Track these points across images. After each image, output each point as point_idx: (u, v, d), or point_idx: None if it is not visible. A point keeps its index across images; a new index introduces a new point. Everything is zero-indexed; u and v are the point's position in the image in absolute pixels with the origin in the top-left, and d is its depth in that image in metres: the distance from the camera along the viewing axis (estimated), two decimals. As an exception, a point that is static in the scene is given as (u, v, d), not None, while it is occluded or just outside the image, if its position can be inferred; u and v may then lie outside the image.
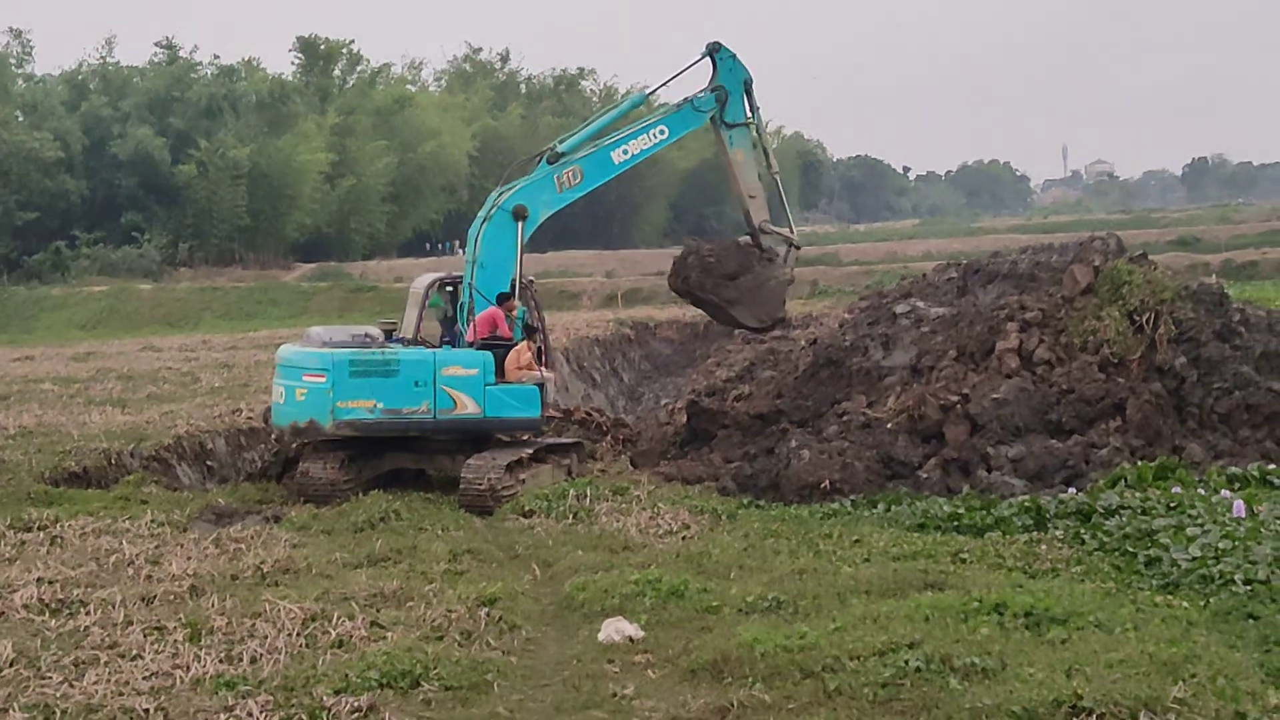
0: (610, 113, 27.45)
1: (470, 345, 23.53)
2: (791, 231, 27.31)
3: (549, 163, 25.08)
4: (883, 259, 65.55)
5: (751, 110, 26.24)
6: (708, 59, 26.26)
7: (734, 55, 25.97)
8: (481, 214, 24.78)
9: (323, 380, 22.80)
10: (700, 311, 30.61)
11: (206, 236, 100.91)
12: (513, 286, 24.08)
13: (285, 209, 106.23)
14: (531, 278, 25.53)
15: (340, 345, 23.03)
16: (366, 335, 23.44)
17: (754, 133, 26.36)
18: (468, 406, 22.92)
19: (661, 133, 25.96)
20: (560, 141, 25.69)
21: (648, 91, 27.01)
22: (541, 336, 24.73)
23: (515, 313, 23.99)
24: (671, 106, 26.45)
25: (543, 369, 23.77)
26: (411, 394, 22.82)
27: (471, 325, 23.86)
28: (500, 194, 24.83)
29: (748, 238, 26.80)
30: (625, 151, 25.57)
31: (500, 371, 23.22)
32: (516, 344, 23.51)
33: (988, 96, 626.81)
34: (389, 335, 24.13)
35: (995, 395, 23.29)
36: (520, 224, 24.32)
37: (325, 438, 23.08)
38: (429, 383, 22.84)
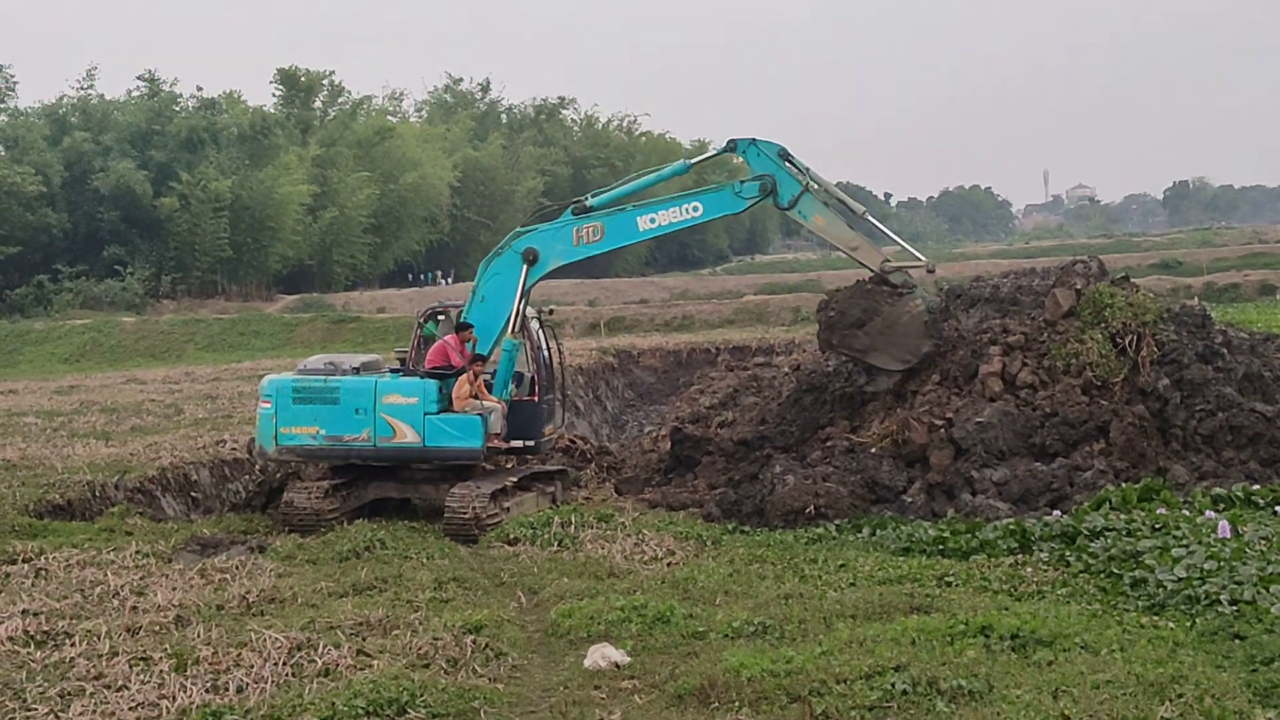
0: (648, 176, 26.75)
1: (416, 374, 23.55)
2: (917, 258, 25.72)
3: (574, 214, 24.80)
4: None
5: (801, 171, 24.94)
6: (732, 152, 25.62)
7: (753, 142, 24.91)
8: (496, 248, 24.74)
9: (269, 406, 23.16)
10: (684, 339, 30.45)
11: (189, 269, 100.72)
12: (506, 326, 23.99)
13: (267, 241, 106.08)
14: (552, 307, 25.39)
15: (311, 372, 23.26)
16: (331, 363, 23.60)
17: (816, 191, 25.03)
18: (406, 435, 22.85)
19: (695, 209, 24.89)
20: (593, 195, 25.39)
21: (691, 161, 26.33)
22: (532, 366, 24.65)
23: (471, 344, 23.77)
24: (712, 185, 25.77)
25: (485, 400, 23.43)
26: (352, 421, 22.87)
27: (427, 355, 23.95)
28: (518, 233, 24.79)
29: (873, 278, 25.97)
30: (653, 220, 24.80)
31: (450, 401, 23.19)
32: (461, 374, 23.40)
33: (969, 123, 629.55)
34: (403, 363, 24.35)
35: (979, 419, 23.32)
36: (527, 267, 24.17)
37: (270, 462, 23.25)
38: (369, 410, 22.85)
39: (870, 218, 26.18)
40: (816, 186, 24.86)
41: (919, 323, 24.74)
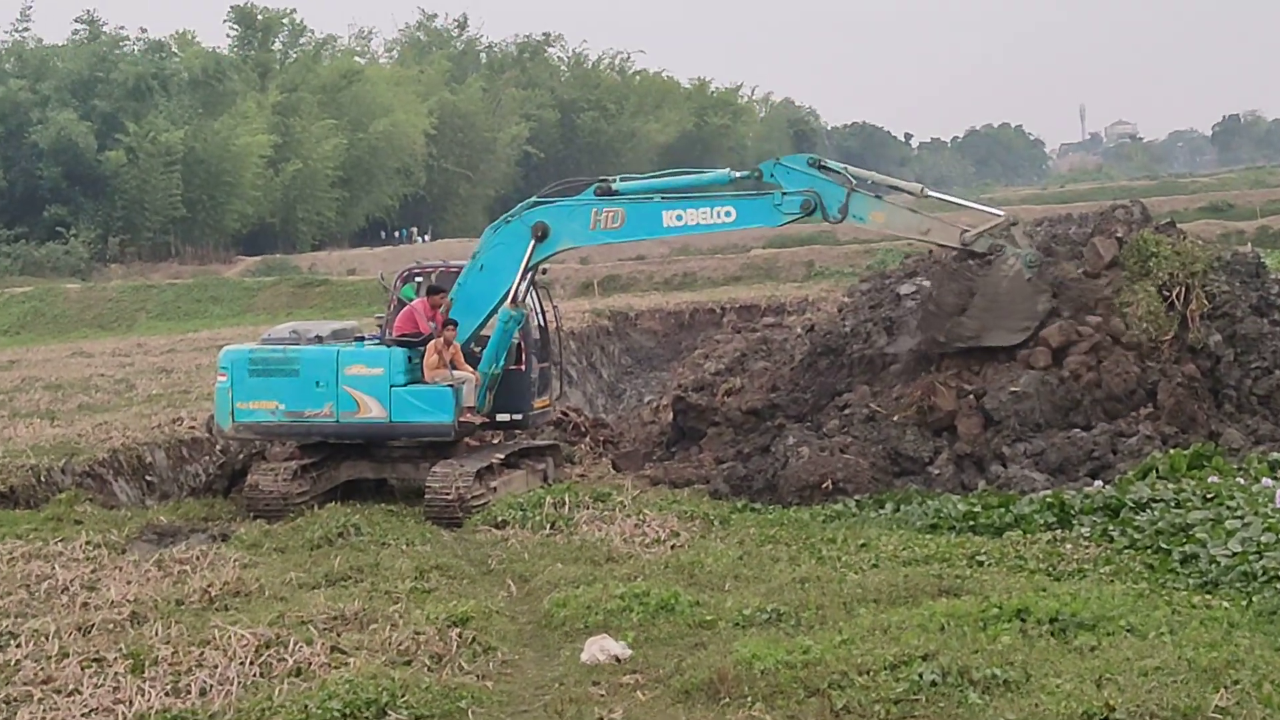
0: (687, 178, 26.37)
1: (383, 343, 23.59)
2: (992, 214, 25.50)
3: (596, 194, 24.54)
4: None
5: (836, 171, 24.52)
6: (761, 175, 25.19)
7: (777, 162, 24.58)
8: (506, 215, 24.69)
9: (224, 380, 23.30)
10: (685, 299, 30.31)
11: (139, 230, 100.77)
12: (504, 299, 23.89)
13: (224, 197, 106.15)
14: (546, 267, 25.23)
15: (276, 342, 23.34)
16: (294, 331, 23.66)
17: (859, 187, 24.49)
18: (371, 409, 22.87)
19: (728, 214, 24.30)
20: (620, 178, 25.20)
21: (736, 175, 25.97)
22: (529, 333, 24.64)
23: (445, 310, 23.70)
24: (750, 191, 25.26)
25: (457, 370, 23.38)
26: (313, 395, 22.94)
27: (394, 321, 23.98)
28: (535, 202, 24.63)
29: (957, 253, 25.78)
30: (680, 218, 24.28)
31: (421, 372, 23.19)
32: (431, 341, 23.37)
33: (996, 55, 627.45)
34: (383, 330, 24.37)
35: (1014, 388, 23.30)
36: (535, 243, 23.89)
37: (227, 440, 23.32)
38: (331, 383, 22.90)
39: (931, 192, 26.20)
40: (856, 182, 24.55)
41: (1022, 282, 24.18)
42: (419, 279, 25.01)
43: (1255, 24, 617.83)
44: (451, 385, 22.85)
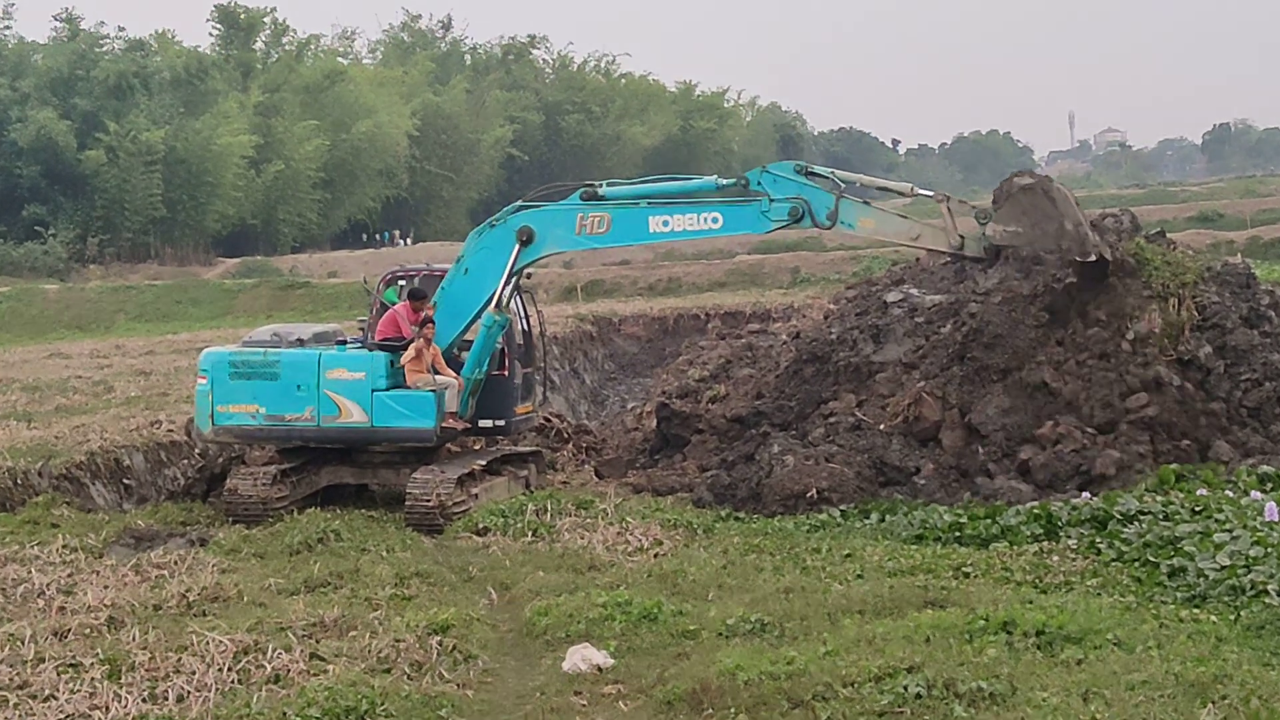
0: (674, 184, 26.37)
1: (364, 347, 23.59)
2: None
3: (582, 199, 24.51)
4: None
5: (824, 177, 24.55)
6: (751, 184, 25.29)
7: (763, 170, 24.40)
8: (491, 219, 24.67)
9: (204, 383, 23.21)
10: (670, 305, 30.27)
11: (118, 230, 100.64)
12: (488, 303, 23.89)
13: (205, 198, 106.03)
14: (530, 271, 25.22)
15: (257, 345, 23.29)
16: (275, 335, 23.62)
17: (847, 193, 24.34)
18: (353, 414, 22.78)
19: (714, 220, 24.31)
20: (607, 184, 25.22)
21: (723, 183, 25.98)
22: (514, 339, 24.64)
23: (429, 312, 23.69)
24: (738, 198, 24.85)
25: (439, 375, 23.35)
26: (294, 399, 22.85)
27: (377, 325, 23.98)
28: (521, 207, 24.60)
29: (963, 264, 26.01)
30: (666, 223, 24.24)
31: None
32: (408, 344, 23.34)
33: (984, 60, 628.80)
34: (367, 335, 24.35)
35: (1001, 404, 23.33)
36: (519, 247, 23.86)
37: (206, 444, 23.28)
38: (312, 387, 22.82)
39: (919, 190, 26.36)
40: (845, 187, 24.54)
41: (1034, 208, 23.56)
42: (402, 282, 25.00)
43: (1246, 32, 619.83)
44: (434, 390, 22.82)
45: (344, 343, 24.08)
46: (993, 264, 25.25)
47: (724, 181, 25.42)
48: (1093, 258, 23.50)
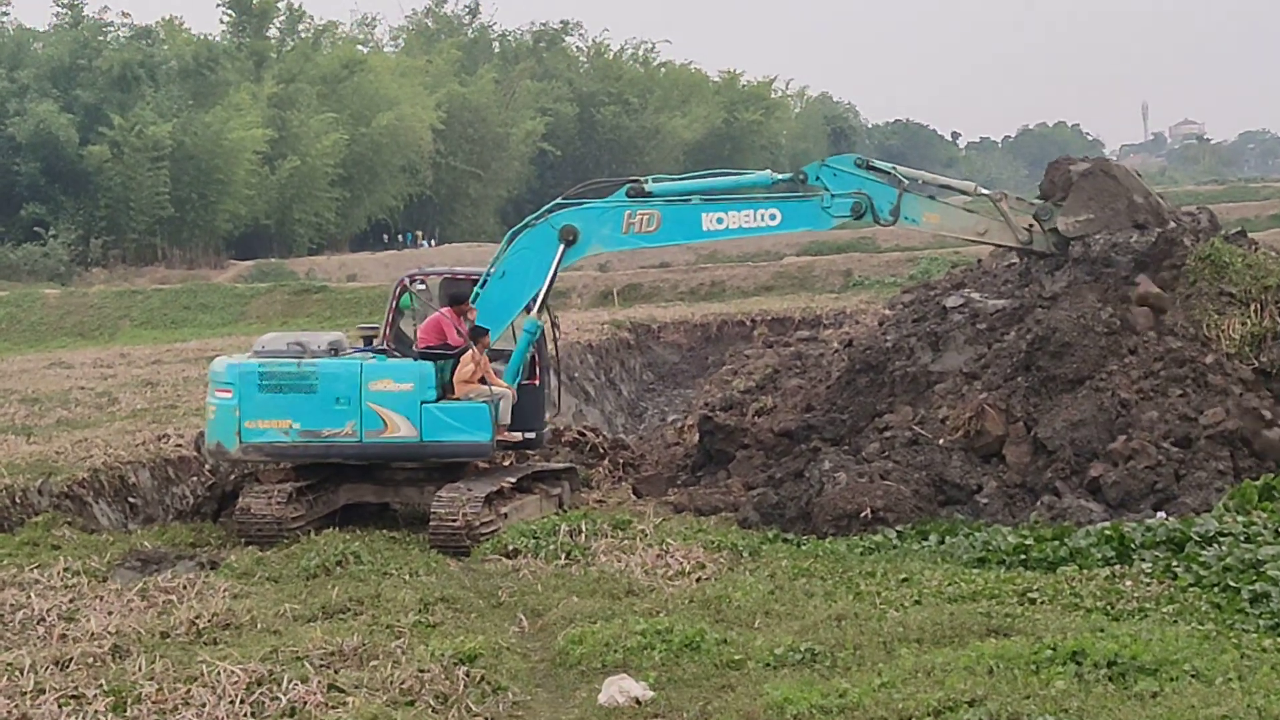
0: (726, 179, 26.46)
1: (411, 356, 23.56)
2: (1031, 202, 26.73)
3: (629, 195, 24.71)
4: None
5: (885, 172, 25.02)
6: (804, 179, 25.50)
7: (822, 164, 24.98)
8: (529, 218, 24.78)
9: (229, 396, 23.01)
10: (713, 310, 30.27)
11: (123, 231, 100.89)
12: (529, 307, 24.01)
13: (216, 196, 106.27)
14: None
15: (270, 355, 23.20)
16: (298, 344, 23.55)
17: (911, 187, 25.10)
18: (400, 428, 22.77)
19: (772, 218, 24.64)
20: (653, 179, 25.35)
21: (778, 177, 26.08)
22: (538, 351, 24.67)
23: (472, 318, 23.77)
24: (797, 194, 25.53)
25: (494, 384, 23.43)
26: (333, 413, 22.80)
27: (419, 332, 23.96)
28: (559, 205, 24.79)
29: (1029, 266, 26.56)
30: (720, 221, 24.52)
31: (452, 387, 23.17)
32: (462, 353, 23.43)
33: (1051, 48, 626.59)
34: (368, 342, 24.26)
35: (1070, 417, 23.25)
36: (564, 247, 24.11)
37: (232, 463, 23.25)
38: (353, 400, 22.78)
39: (981, 190, 26.54)
40: (908, 182, 24.93)
41: (1100, 190, 25.27)
42: (420, 287, 24.97)
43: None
44: (488, 401, 22.85)
45: (382, 352, 24.04)
46: (1062, 258, 25.38)
47: (778, 176, 25.58)
48: (1171, 225, 24.83)
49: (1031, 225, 25.41)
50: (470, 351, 23.11)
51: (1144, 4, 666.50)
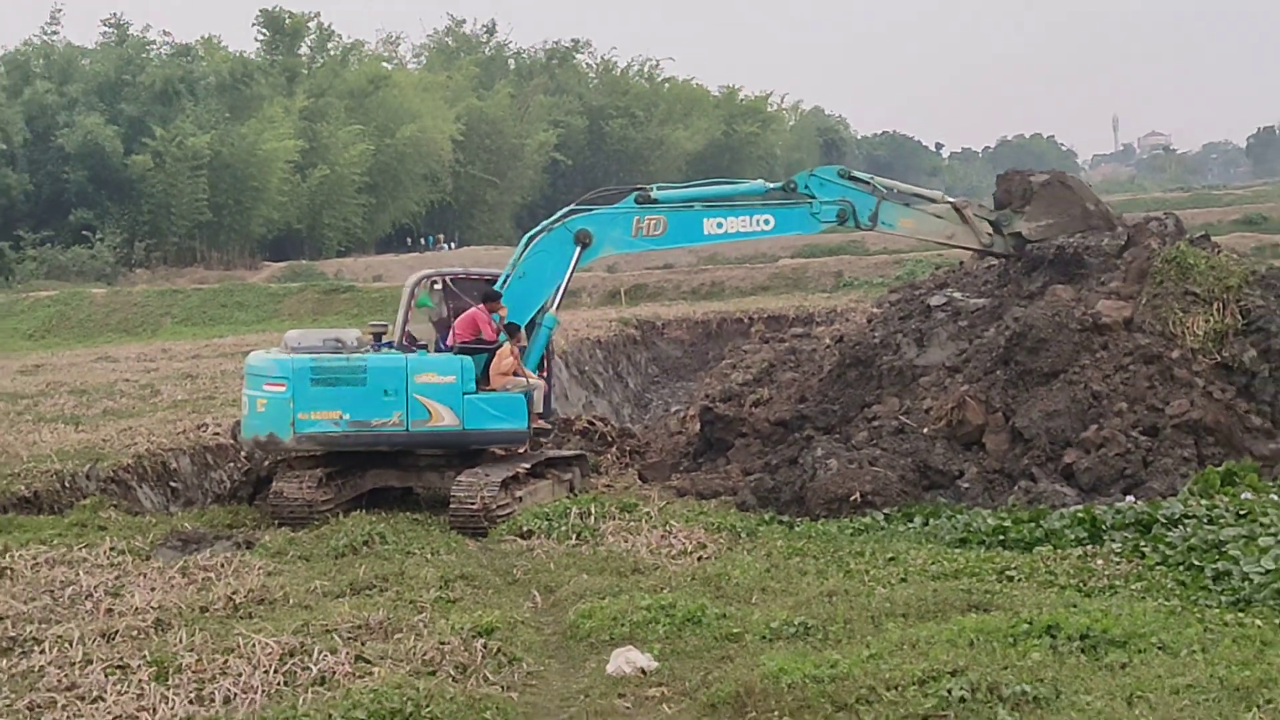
0: (724, 187, 26.95)
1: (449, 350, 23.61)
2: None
3: (637, 202, 25.14)
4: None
5: (865, 181, 26.11)
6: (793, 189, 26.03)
7: (809, 174, 26.00)
8: (545, 223, 24.96)
9: (283, 389, 22.97)
10: (713, 308, 30.59)
11: (164, 234, 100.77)
12: (541, 308, 24.24)
13: (251, 202, 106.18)
14: None
15: (308, 351, 23.16)
16: (338, 340, 23.53)
17: (888, 195, 26.16)
18: (444, 418, 22.88)
19: (766, 223, 25.67)
20: (658, 188, 25.83)
21: (770, 186, 26.48)
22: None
23: (500, 316, 23.87)
24: (789, 201, 26.03)
25: (528, 376, 23.63)
26: (381, 404, 22.84)
27: (451, 328, 23.98)
28: (573, 210, 25.13)
29: (1006, 266, 27.26)
30: (720, 225, 25.38)
31: (486, 378, 23.26)
32: (499, 347, 23.47)
33: (1028, 64, 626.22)
34: (378, 339, 24.25)
35: (1045, 408, 23.25)
36: (579, 249, 24.55)
37: (285, 453, 23.25)
38: (400, 391, 22.84)
39: (950, 201, 27.08)
40: (886, 190, 25.92)
41: (1057, 198, 26.52)
42: (436, 285, 25.02)
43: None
44: (524, 391, 23.04)
45: (424, 347, 24.13)
46: (1020, 258, 26.52)
47: (771, 185, 26.02)
48: (1120, 230, 25.99)
49: (990, 231, 26.11)
50: (508, 345, 23.25)
51: (1116, 23, 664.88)
